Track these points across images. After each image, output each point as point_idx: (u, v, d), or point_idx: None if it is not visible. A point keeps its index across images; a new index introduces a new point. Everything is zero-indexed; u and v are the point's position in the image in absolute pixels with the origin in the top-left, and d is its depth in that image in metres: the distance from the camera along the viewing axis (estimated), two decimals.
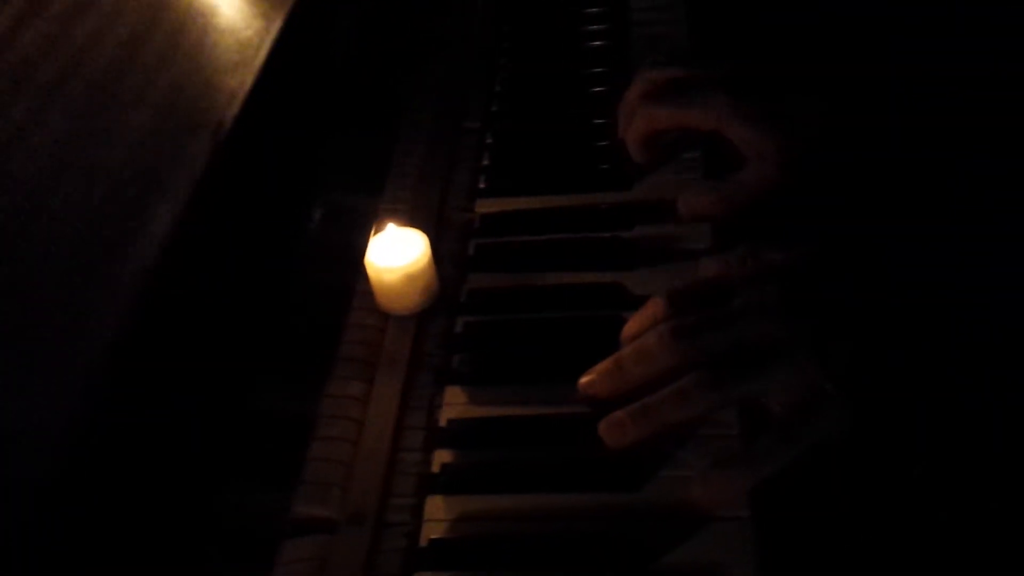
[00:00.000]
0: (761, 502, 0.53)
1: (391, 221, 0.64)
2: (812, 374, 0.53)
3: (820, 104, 0.64)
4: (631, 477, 0.54)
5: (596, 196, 0.72)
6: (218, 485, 0.54)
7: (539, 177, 0.75)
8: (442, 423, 0.59)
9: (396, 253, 0.63)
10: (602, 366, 0.56)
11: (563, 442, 0.57)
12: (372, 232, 0.63)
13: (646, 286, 0.64)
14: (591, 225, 0.70)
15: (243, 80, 0.48)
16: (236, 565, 0.52)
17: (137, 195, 0.43)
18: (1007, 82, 0.63)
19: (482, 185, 0.75)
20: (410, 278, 0.63)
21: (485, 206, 0.73)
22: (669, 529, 0.52)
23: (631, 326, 0.58)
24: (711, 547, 0.51)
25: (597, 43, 0.86)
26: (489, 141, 0.78)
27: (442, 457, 0.57)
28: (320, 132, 0.58)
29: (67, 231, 0.43)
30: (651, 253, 0.67)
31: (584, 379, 0.57)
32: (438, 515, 0.54)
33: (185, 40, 0.50)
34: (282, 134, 0.53)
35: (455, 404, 0.60)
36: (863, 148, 0.63)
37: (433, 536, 0.53)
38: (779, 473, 0.52)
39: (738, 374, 0.53)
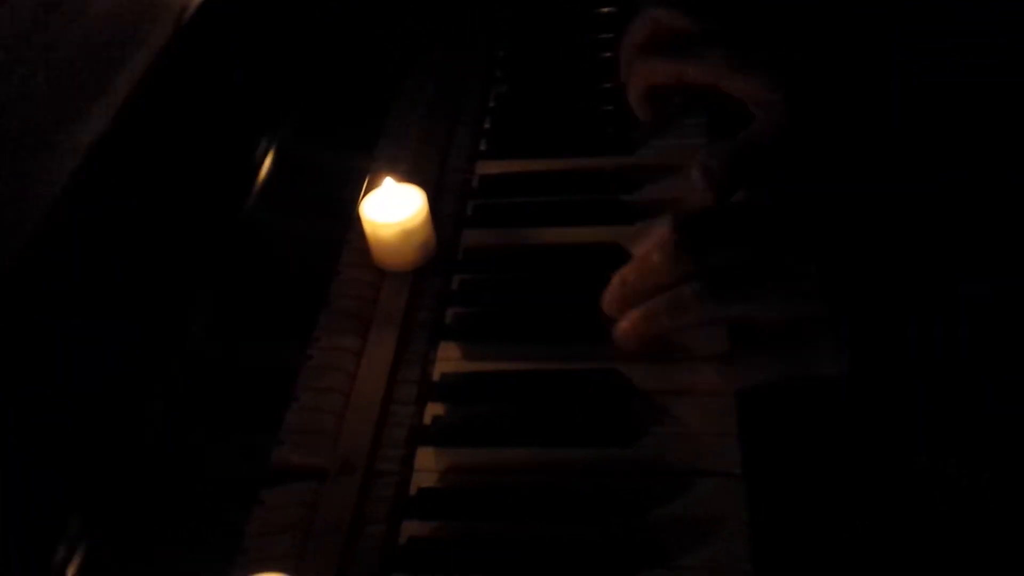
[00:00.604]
0: (760, 477, 0.52)
1: (389, 176, 0.63)
2: (811, 302, 0.52)
3: (824, 61, 0.63)
4: (624, 433, 0.54)
5: (598, 160, 0.71)
6: (205, 431, 0.53)
7: (541, 140, 0.74)
8: (435, 377, 0.59)
9: (393, 209, 0.62)
10: (609, 284, 0.56)
11: (555, 397, 0.56)
12: (364, 186, 0.63)
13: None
14: (592, 188, 0.69)
15: None
16: (224, 511, 0.51)
17: (92, 74, 0.42)
18: (1009, 65, 0.62)
19: (483, 147, 0.74)
20: (407, 234, 0.62)
21: (485, 168, 0.72)
22: (661, 485, 0.52)
23: (640, 249, 0.58)
24: (703, 503, 0.51)
25: (605, 8, 0.85)
26: (492, 104, 0.78)
27: (434, 410, 0.57)
28: (305, 44, 0.56)
29: (20, 105, 0.42)
30: (652, 215, 0.66)
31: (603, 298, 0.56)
32: (428, 466, 0.54)
33: None
34: (257, 32, 0.51)
35: (448, 359, 0.59)
36: (866, 113, 0.62)
37: (423, 486, 0.53)
38: (761, 385, 0.53)
39: (736, 289, 0.53)
